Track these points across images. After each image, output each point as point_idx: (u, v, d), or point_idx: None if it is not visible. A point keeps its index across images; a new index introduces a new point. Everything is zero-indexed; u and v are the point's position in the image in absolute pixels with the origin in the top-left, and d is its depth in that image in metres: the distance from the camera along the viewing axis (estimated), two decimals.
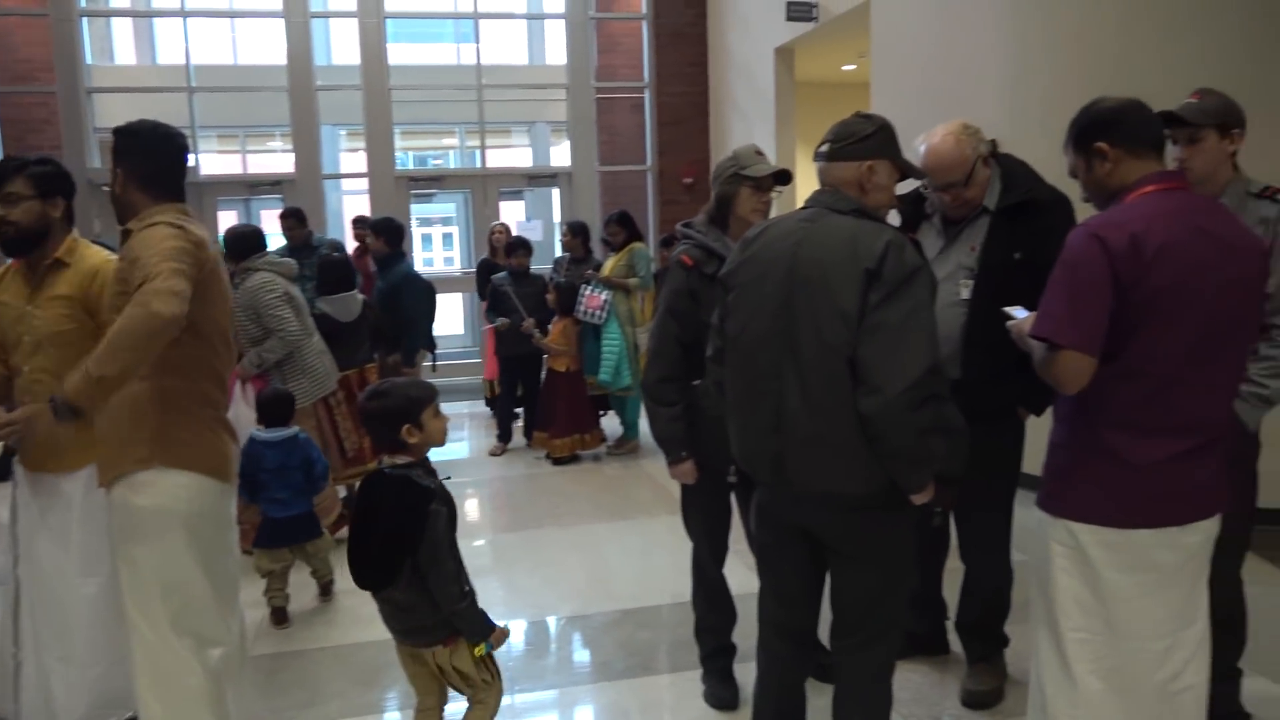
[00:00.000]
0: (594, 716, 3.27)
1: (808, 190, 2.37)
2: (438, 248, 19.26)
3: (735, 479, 2.88)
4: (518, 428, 6.97)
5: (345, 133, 15.46)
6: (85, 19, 9.45)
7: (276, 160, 15.42)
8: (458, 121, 15.53)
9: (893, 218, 2.48)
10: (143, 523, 2.41)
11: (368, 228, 7.37)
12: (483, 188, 10.16)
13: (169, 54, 14.43)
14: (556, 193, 10.66)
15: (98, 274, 2.74)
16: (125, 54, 15.17)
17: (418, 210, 12.36)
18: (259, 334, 4.51)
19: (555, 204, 10.83)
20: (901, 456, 2.10)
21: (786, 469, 2.23)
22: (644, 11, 10.12)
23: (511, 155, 16.64)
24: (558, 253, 7.60)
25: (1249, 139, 2.72)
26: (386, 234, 6.17)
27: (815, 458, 2.18)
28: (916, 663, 3.31)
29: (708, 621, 3.19)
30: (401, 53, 11.46)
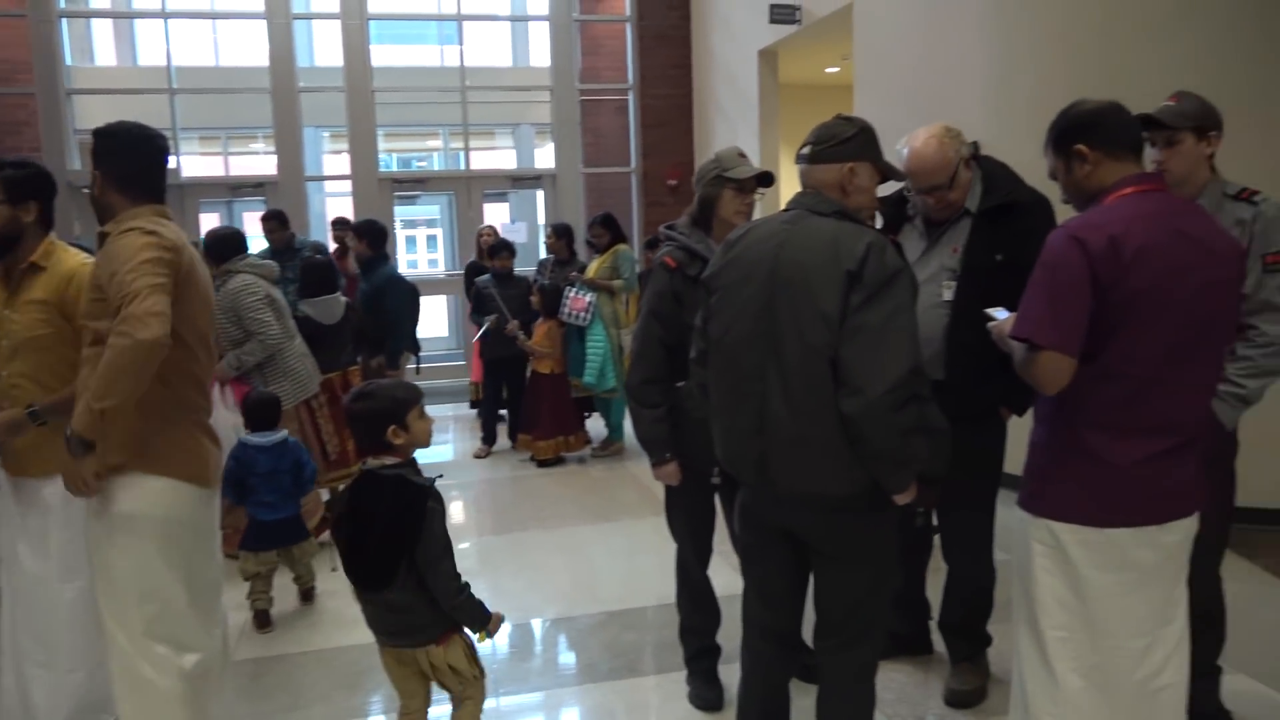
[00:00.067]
0: (579, 718, 3.27)
1: (791, 192, 2.38)
2: (422, 250, 19.22)
3: (719, 480, 2.89)
4: (502, 430, 6.96)
5: (328, 134, 15.39)
6: (65, 20, 9.37)
7: (259, 162, 15.35)
8: (441, 123, 15.50)
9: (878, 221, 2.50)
10: (118, 528, 2.40)
11: (350, 230, 7.35)
12: (467, 190, 10.14)
13: (150, 55, 14.34)
14: (541, 195, 10.66)
15: (73, 278, 2.72)
16: (106, 55, 15.06)
17: (401, 212, 12.33)
18: (240, 336, 4.48)
19: (540, 206, 10.82)
20: (884, 457, 2.11)
21: (770, 470, 2.23)
22: (628, 14, 10.13)
23: (495, 157, 16.62)
24: (542, 255, 7.60)
25: (1231, 140, 2.75)
26: (368, 236, 6.14)
27: (798, 459, 2.19)
28: (900, 662, 3.33)
29: (692, 623, 3.20)
30: (385, 54, 11.44)
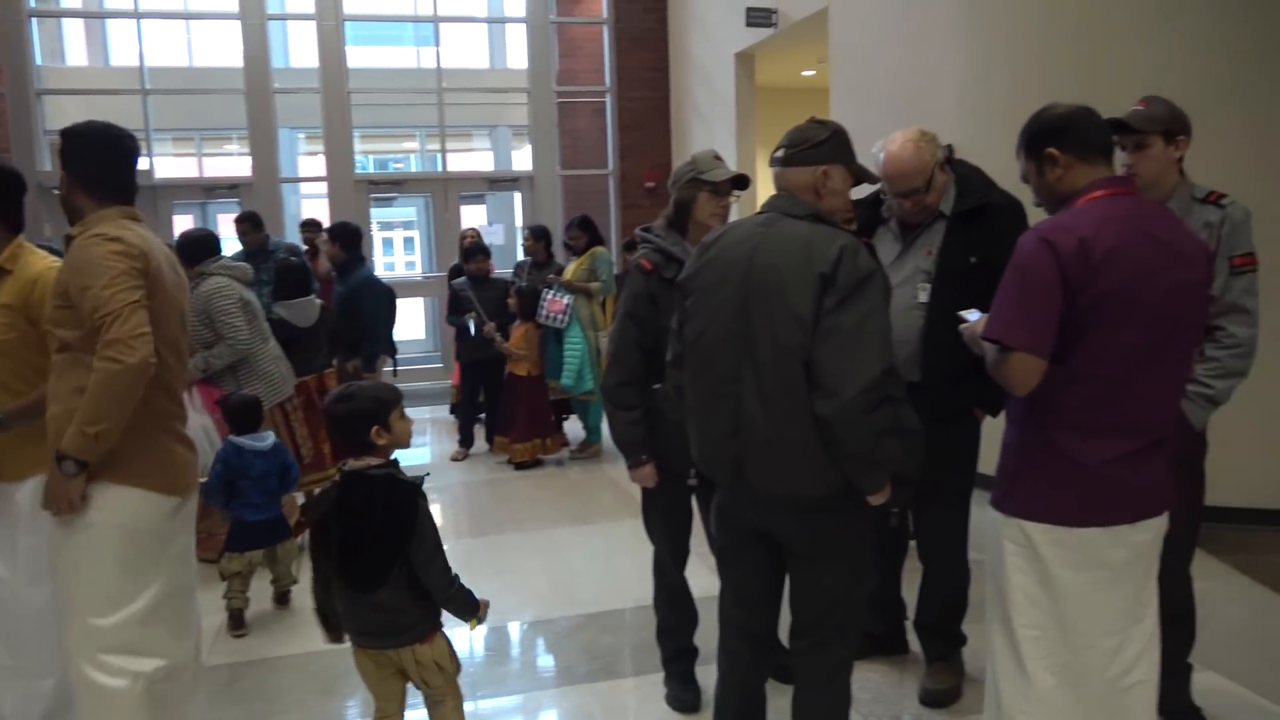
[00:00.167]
0: None
1: (768, 194, 2.39)
2: (399, 252, 19.14)
3: (696, 482, 2.89)
4: (480, 433, 6.94)
5: (304, 136, 15.31)
6: (34, 19, 9.26)
7: (233, 163, 15.22)
8: (418, 125, 15.43)
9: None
10: (78, 535, 2.36)
11: (320, 232, 7.33)
12: (444, 191, 10.10)
13: (122, 55, 14.20)
14: (518, 197, 10.63)
15: (39, 281, 2.66)
16: (77, 55, 14.90)
17: (378, 214, 12.27)
18: (211, 339, 4.44)
19: (517, 208, 10.79)
20: (858, 458, 2.12)
21: (745, 471, 2.24)
22: (605, 16, 10.14)
23: (473, 159, 16.57)
24: (520, 257, 7.58)
25: (1200, 144, 2.78)
26: (342, 238, 6.11)
27: (773, 460, 2.20)
28: (876, 662, 3.34)
29: (669, 624, 3.20)
30: (361, 55, 11.38)
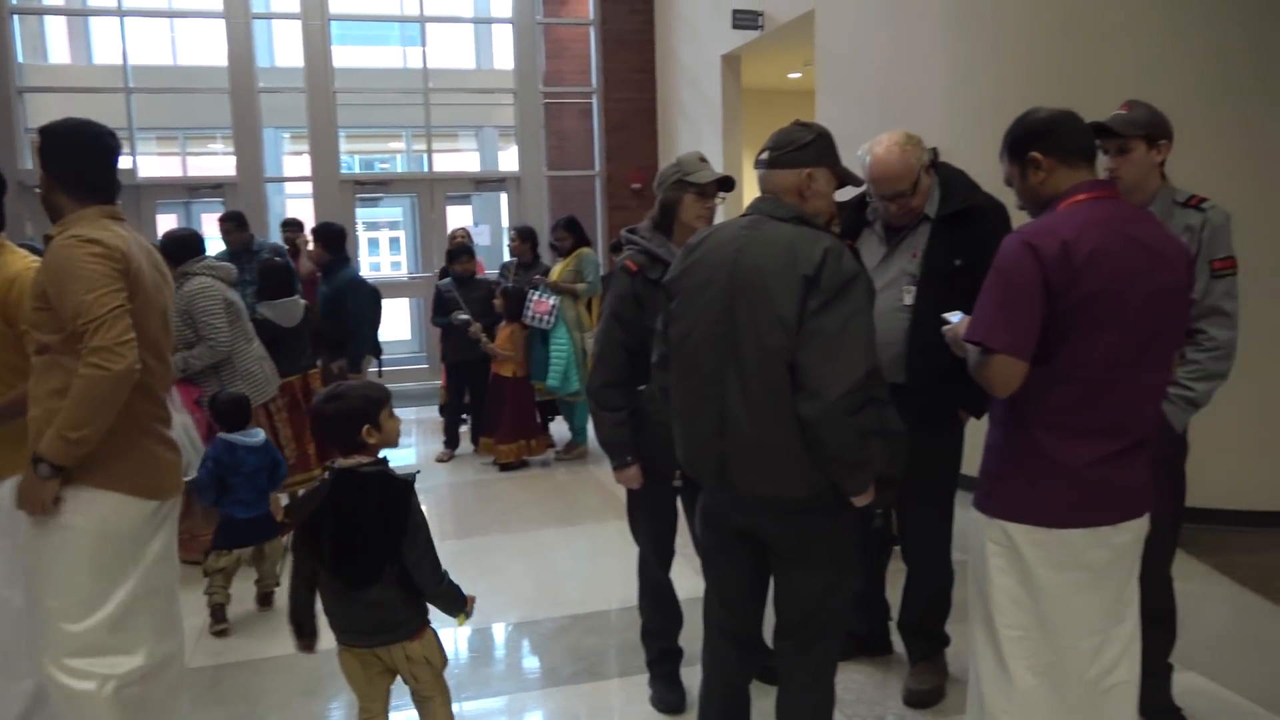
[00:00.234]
0: None
1: (755, 196, 2.39)
2: (384, 252, 19.08)
3: (681, 483, 2.89)
4: (465, 434, 6.93)
5: (289, 135, 15.24)
6: (16, 16, 9.19)
7: (217, 163, 15.15)
8: (404, 125, 15.38)
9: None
10: (53, 538, 2.34)
11: (301, 231, 7.31)
12: (430, 192, 10.07)
13: (105, 54, 14.11)
14: (504, 197, 10.61)
15: (16, 281, 2.63)
16: (60, 53, 14.79)
17: (363, 214, 12.23)
18: (193, 338, 4.42)
19: (503, 209, 10.77)
20: (841, 460, 2.13)
21: (730, 473, 2.25)
22: (591, 17, 10.13)
23: (459, 159, 16.54)
24: (505, 258, 7.57)
25: (1190, 142, 2.79)
26: (325, 239, 6.08)
27: (758, 462, 2.20)
28: (859, 663, 3.36)
29: (654, 625, 3.20)
30: (346, 55, 11.34)
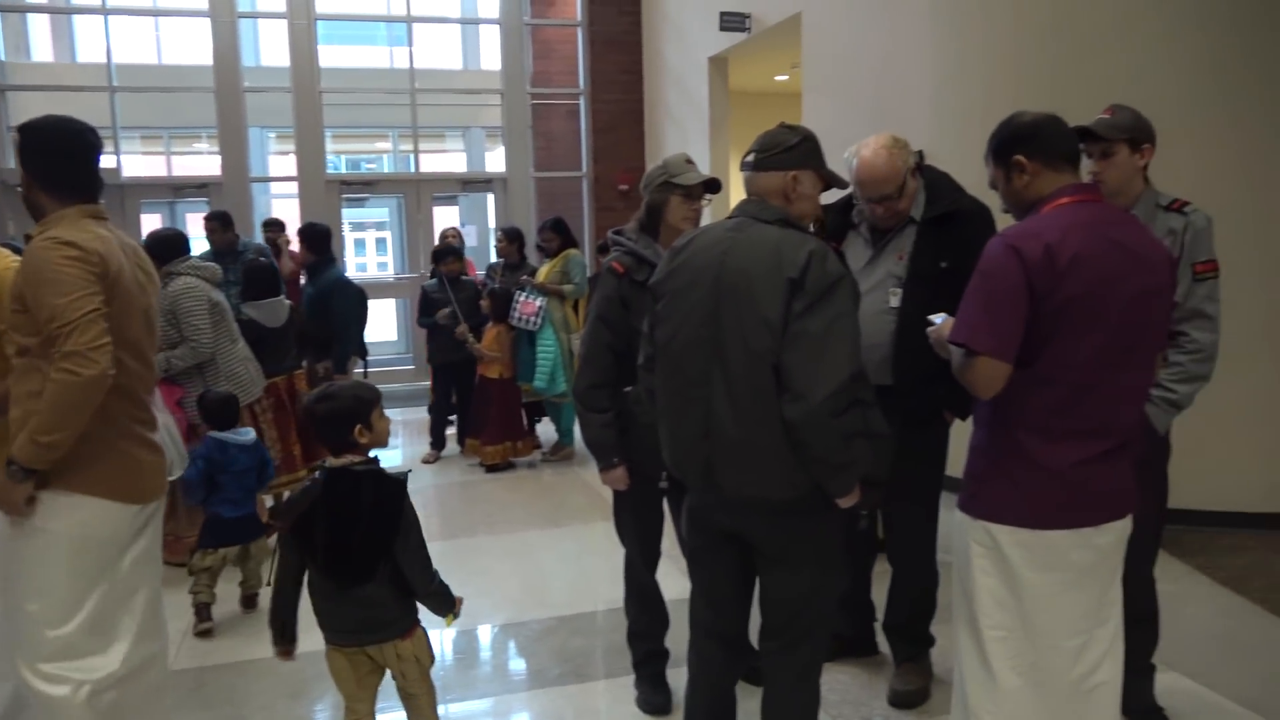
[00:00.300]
0: None
1: (741, 198, 2.40)
2: (371, 253, 19.04)
3: (667, 484, 2.89)
4: (452, 435, 6.91)
5: (274, 135, 15.19)
6: (0, 14, 9.13)
7: (202, 162, 15.07)
8: (391, 125, 15.35)
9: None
10: (31, 542, 2.32)
11: (282, 231, 7.29)
12: (416, 192, 10.04)
13: (89, 51, 14.03)
14: (491, 198, 10.59)
15: None
16: (43, 51, 14.70)
17: (350, 215, 12.20)
18: (177, 338, 4.39)
19: (490, 210, 10.75)
20: (825, 461, 2.13)
21: (716, 474, 2.25)
22: (579, 18, 10.12)
23: (446, 160, 16.52)
24: (492, 259, 7.55)
25: (1178, 145, 2.80)
26: (309, 240, 6.05)
27: (743, 463, 2.21)
28: (845, 664, 3.36)
29: (640, 627, 3.20)
30: (333, 55, 11.30)
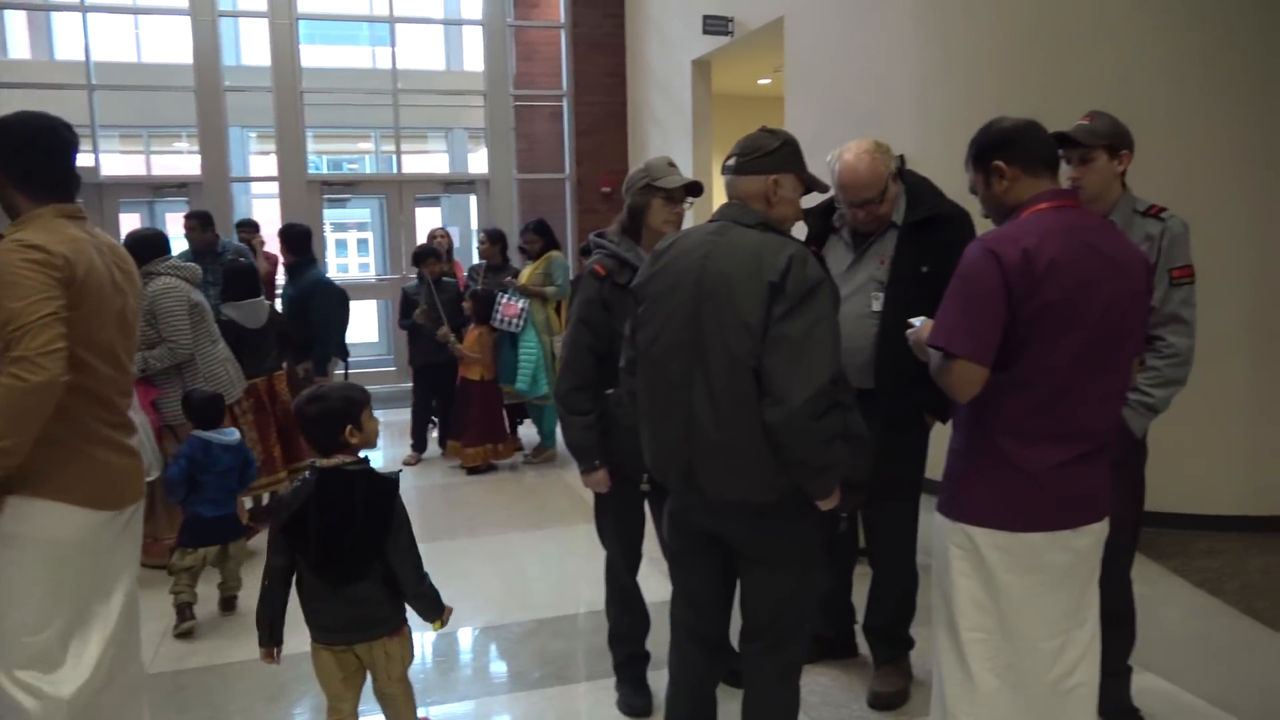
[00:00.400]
0: None
1: (724, 201, 2.40)
2: (352, 254, 18.96)
3: (648, 487, 2.89)
4: (433, 438, 6.89)
5: (255, 135, 15.11)
6: None
7: (182, 162, 14.98)
8: (373, 126, 15.30)
9: (798, 229, 2.53)
10: (3, 551, 2.26)
11: (257, 232, 7.26)
12: (398, 193, 10.00)
13: (68, 49, 13.92)
14: (474, 200, 10.57)
15: None
16: (19, 48, 14.56)
17: (331, 215, 12.14)
18: (155, 338, 4.36)
19: (473, 211, 10.73)
20: (805, 464, 2.14)
21: (697, 477, 2.25)
22: (562, 20, 10.12)
23: (428, 161, 16.48)
24: (474, 260, 7.54)
25: (1161, 149, 2.83)
26: (288, 241, 6.01)
27: (724, 466, 2.21)
28: (825, 666, 3.37)
29: (621, 629, 3.20)
30: (315, 54, 11.26)
